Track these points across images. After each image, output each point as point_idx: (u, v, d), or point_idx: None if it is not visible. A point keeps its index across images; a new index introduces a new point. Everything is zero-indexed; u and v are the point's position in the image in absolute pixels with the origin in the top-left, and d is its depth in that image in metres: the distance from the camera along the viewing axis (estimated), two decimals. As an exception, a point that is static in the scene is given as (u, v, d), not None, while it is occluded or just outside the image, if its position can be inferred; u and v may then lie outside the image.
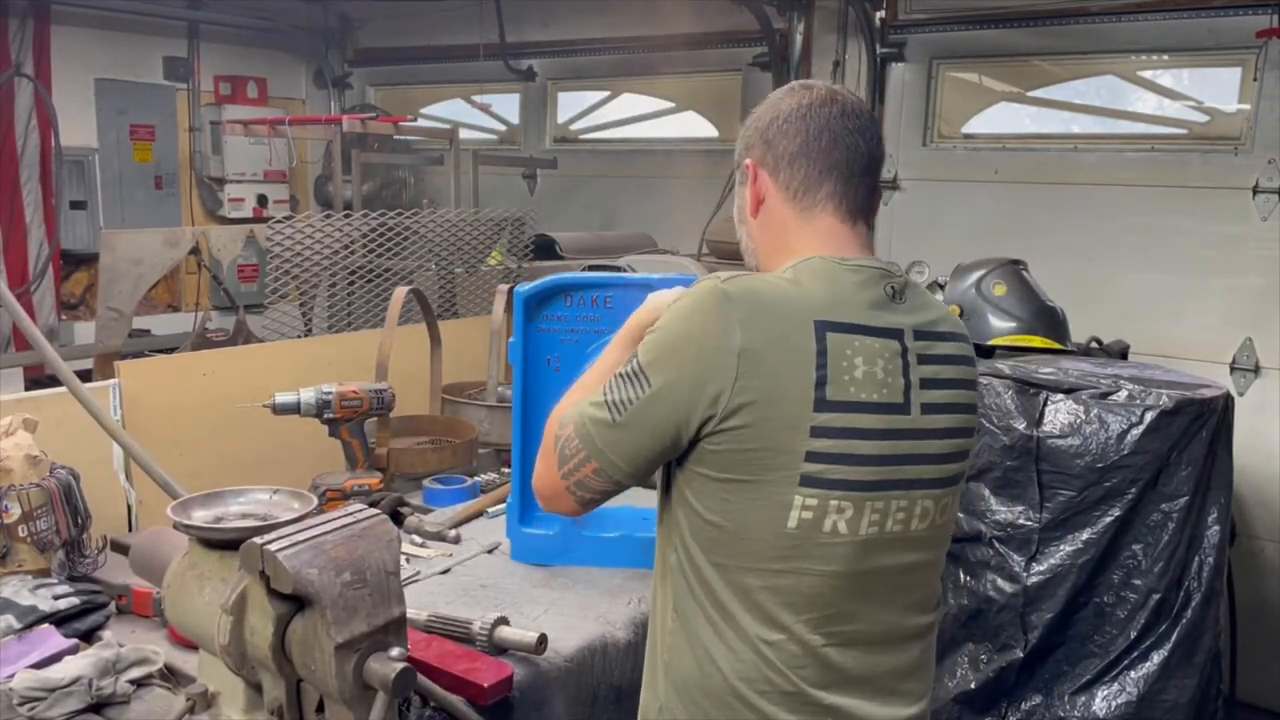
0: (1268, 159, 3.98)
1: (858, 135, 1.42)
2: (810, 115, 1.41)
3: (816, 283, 1.33)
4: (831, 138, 1.41)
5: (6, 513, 1.93)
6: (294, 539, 1.34)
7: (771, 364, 1.27)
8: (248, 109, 6.51)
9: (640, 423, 1.33)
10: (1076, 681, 2.77)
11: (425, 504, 2.55)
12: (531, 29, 6.13)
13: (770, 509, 1.29)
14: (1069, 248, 4.38)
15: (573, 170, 6.06)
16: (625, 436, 1.34)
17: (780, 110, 1.44)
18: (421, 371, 3.01)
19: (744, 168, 1.48)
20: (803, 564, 1.31)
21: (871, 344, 1.31)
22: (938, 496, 1.38)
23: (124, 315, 3.70)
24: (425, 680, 1.58)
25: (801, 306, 1.30)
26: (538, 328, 2.22)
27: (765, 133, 1.45)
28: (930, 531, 1.39)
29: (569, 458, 1.39)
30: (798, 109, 1.42)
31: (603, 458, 1.36)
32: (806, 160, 1.41)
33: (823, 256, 1.37)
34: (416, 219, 3.90)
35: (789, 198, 1.43)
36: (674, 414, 1.31)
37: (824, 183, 1.41)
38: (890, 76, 4.89)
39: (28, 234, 5.69)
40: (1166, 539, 2.72)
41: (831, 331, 1.28)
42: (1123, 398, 2.76)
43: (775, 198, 1.44)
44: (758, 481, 1.29)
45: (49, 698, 1.52)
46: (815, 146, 1.41)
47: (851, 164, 1.42)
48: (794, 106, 1.43)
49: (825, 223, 1.41)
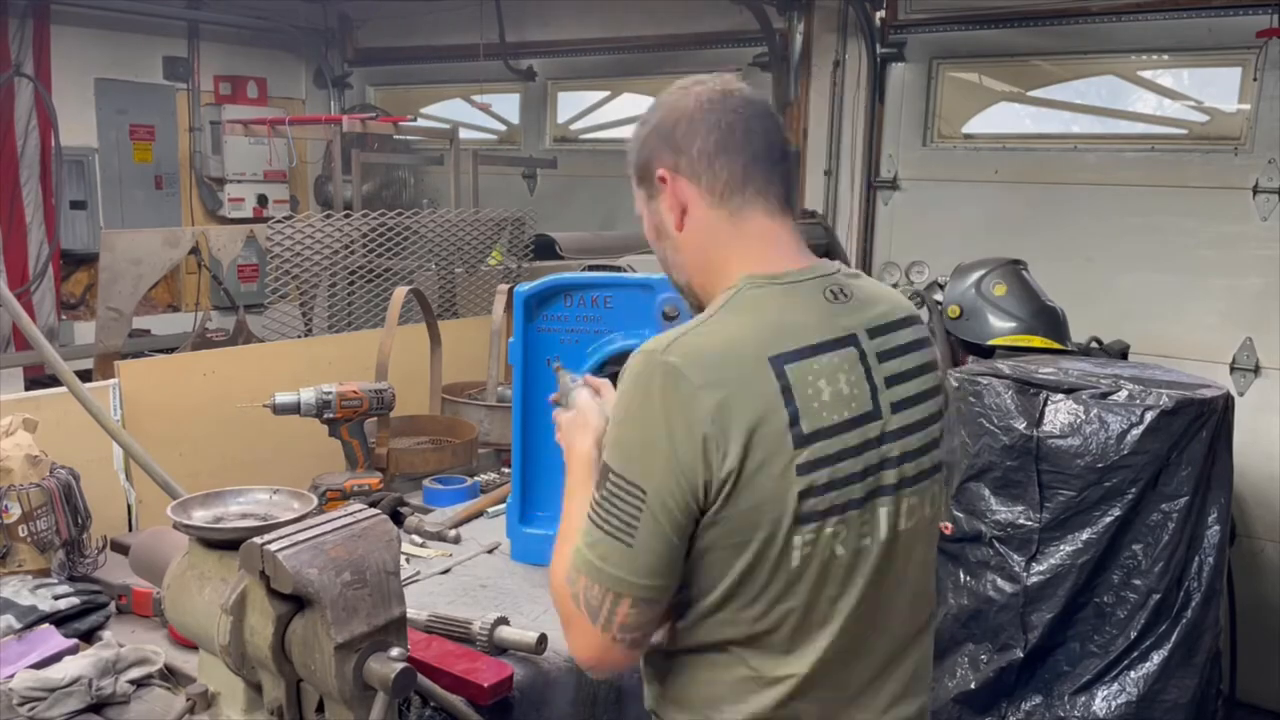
0: (1268, 159, 3.99)
1: (766, 121, 1.35)
2: (717, 109, 1.32)
3: (757, 315, 1.26)
4: (745, 129, 1.32)
5: (6, 513, 1.93)
6: (294, 539, 1.34)
7: (741, 419, 1.19)
8: (248, 109, 6.51)
9: (654, 533, 1.22)
10: (1076, 681, 2.77)
11: (425, 504, 2.55)
12: (531, 29, 6.14)
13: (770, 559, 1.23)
14: (1069, 248, 4.38)
15: (573, 170, 6.06)
16: (645, 554, 1.22)
17: (682, 110, 1.34)
18: (421, 371, 3.01)
19: (655, 180, 1.36)
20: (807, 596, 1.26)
21: (829, 360, 1.25)
22: (922, 490, 1.34)
23: (124, 315, 3.70)
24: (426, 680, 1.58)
25: (752, 346, 1.22)
26: (538, 328, 2.22)
27: (671, 137, 1.34)
28: (921, 527, 1.35)
29: (598, 609, 1.25)
30: (700, 106, 1.33)
31: (634, 587, 1.23)
32: (726, 156, 1.32)
33: (752, 280, 1.29)
34: (416, 219, 3.90)
35: (715, 201, 1.33)
36: (679, 511, 1.21)
37: (749, 177, 1.32)
38: (890, 76, 4.89)
39: (28, 234, 5.70)
40: (1166, 539, 2.72)
41: (789, 363, 1.22)
42: (1123, 398, 2.76)
43: (699, 204, 1.34)
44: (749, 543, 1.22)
45: (49, 698, 1.52)
46: (731, 141, 1.32)
47: (770, 152, 1.34)
48: (696, 104, 1.33)
49: (757, 223, 1.33)
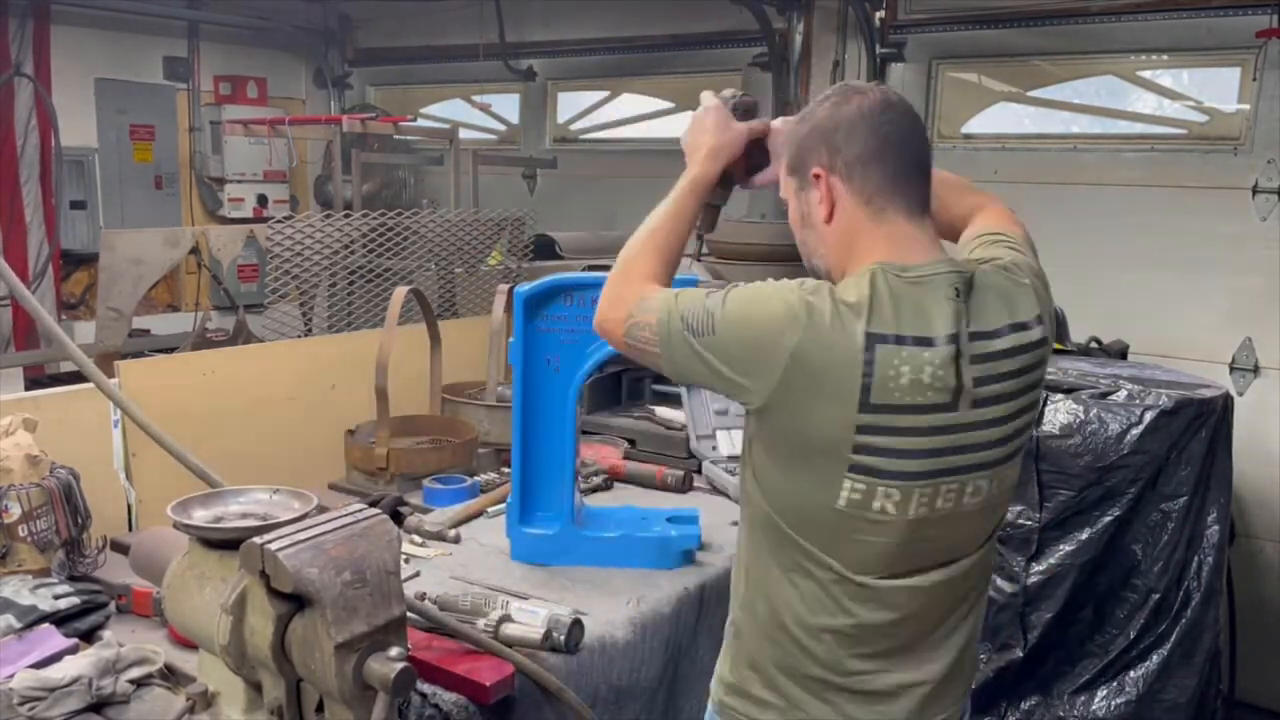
0: (1267, 159, 3.98)
1: (916, 136, 1.50)
2: (876, 120, 1.46)
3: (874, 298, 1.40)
4: (900, 140, 1.47)
5: (6, 513, 1.93)
6: (294, 539, 1.34)
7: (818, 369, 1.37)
8: (248, 109, 6.50)
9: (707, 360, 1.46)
10: (1076, 681, 2.77)
11: (425, 504, 2.55)
12: (531, 29, 6.14)
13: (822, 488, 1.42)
14: (1068, 247, 4.36)
15: (573, 170, 6.06)
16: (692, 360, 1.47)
17: (843, 116, 1.48)
18: (421, 371, 3.01)
19: (809, 174, 1.50)
20: (856, 535, 1.43)
21: (919, 354, 1.37)
22: (992, 474, 1.46)
23: (124, 315, 3.71)
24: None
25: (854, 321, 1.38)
26: (538, 328, 2.22)
27: (830, 139, 1.48)
28: (983, 501, 1.48)
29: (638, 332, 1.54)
30: (861, 114, 1.47)
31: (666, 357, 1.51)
32: (879, 165, 1.45)
33: (884, 268, 1.41)
34: (416, 219, 3.90)
35: (862, 202, 1.47)
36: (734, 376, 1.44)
37: (896, 186, 1.46)
38: (890, 77, 4.88)
39: (28, 234, 5.70)
40: (1166, 539, 2.72)
41: (881, 344, 1.37)
42: (1122, 398, 2.76)
43: (848, 202, 1.48)
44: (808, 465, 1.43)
45: (49, 697, 1.52)
46: (886, 150, 1.46)
47: (920, 165, 1.49)
48: (857, 112, 1.47)
49: (896, 226, 1.46)
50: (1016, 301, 1.47)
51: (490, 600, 1.88)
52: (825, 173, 1.48)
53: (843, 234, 1.49)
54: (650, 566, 2.23)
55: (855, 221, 1.47)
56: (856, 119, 1.47)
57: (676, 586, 2.15)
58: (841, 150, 1.47)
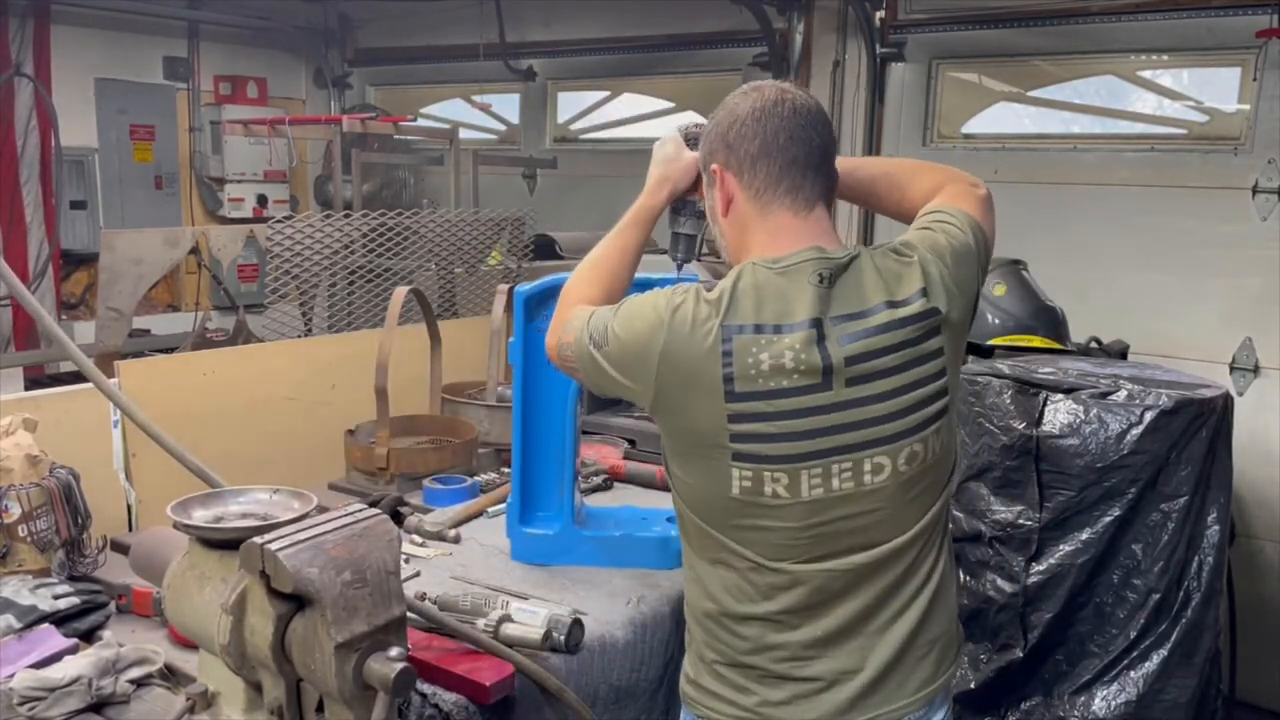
0: (1267, 159, 3.98)
1: (810, 130, 1.52)
2: (766, 117, 1.51)
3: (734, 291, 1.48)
4: (788, 136, 1.51)
5: (6, 513, 1.93)
6: (294, 539, 1.34)
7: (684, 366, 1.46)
8: (248, 109, 6.51)
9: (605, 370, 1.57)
10: (1076, 681, 2.76)
11: (425, 504, 2.55)
12: (532, 29, 6.14)
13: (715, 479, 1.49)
14: (1069, 248, 4.38)
15: (573, 170, 6.05)
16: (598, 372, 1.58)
17: (738, 115, 1.54)
18: (421, 371, 3.01)
19: (711, 172, 1.58)
20: (758, 522, 1.49)
21: (777, 339, 1.44)
22: (893, 450, 1.48)
23: (124, 315, 3.70)
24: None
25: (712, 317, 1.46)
26: (538, 328, 2.22)
27: (726, 137, 1.55)
28: (892, 480, 1.49)
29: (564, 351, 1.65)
30: (753, 112, 1.52)
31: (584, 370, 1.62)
32: (767, 160, 1.51)
33: (756, 263, 1.50)
34: (416, 219, 3.90)
35: (751, 196, 1.54)
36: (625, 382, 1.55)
37: (781, 180, 1.52)
38: (890, 76, 4.88)
39: (28, 234, 5.70)
40: (1166, 539, 2.72)
41: (738, 335, 1.44)
42: (1122, 398, 2.76)
43: (739, 197, 1.55)
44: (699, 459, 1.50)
45: (49, 697, 1.52)
46: (773, 146, 1.51)
47: (808, 158, 1.52)
48: (750, 110, 1.53)
49: (779, 220, 1.52)
50: (898, 279, 1.50)
51: (490, 600, 1.88)
52: (721, 169, 1.56)
53: (737, 227, 1.57)
54: (650, 566, 2.23)
55: (746, 216, 1.55)
56: (748, 117, 1.52)
57: (676, 586, 2.15)
58: (734, 147, 1.53)
